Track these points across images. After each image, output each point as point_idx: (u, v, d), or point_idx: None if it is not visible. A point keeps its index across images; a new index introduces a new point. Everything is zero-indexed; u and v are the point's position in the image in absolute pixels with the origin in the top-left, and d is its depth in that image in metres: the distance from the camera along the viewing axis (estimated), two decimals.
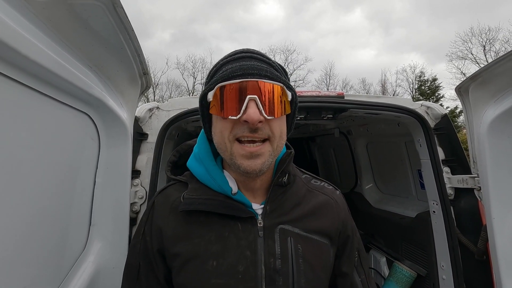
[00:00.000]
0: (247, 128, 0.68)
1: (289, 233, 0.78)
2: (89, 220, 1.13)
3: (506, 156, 1.44)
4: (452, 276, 1.76)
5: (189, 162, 0.86)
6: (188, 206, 0.77)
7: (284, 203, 0.81)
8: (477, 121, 1.51)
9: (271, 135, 0.71)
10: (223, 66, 0.75)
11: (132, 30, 0.91)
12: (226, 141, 0.71)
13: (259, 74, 0.69)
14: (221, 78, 0.70)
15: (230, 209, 0.77)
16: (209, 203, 0.77)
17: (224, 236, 0.75)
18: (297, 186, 0.86)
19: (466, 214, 1.79)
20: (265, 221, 0.77)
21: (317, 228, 0.81)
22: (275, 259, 0.74)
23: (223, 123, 0.71)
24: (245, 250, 0.74)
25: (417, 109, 1.89)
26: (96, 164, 1.15)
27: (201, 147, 0.85)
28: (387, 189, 3.08)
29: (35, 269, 0.82)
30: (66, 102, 0.91)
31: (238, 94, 0.68)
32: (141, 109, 1.69)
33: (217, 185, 0.79)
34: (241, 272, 0.72)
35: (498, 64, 1.34)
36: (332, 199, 0.89)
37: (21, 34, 0.63)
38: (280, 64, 0.82)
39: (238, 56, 0.75)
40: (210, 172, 0.80)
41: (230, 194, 0.77)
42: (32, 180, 0.79)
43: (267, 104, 0.68)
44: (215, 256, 0.74)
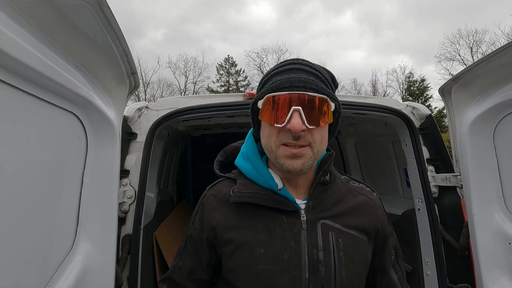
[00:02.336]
0: (291, 135, 0.76)
1: (330, 227, 0.85)
2: (77, 220, 1.12)
3: (486, 155, 1.49)
4: (436, 272, 1.81)
5: (237, 161, 0.96)
6: (239, 199, 0.85)
7: (326, 200, 0.88)
8: (459, 121, 1.57)
9: (312, 142, 0.78)
10: (273, 76, 0.83)
11: (119, 30, 0.91)
12: (272, 144, 0.80)
13: (305, 86, 0.76)
14: (270, 89, 0.79)
15: (276, 203, 0.84)
16: (257, 196, 0.85)
17: (270, 227, 0.83)
18: (337, 185, 0.93)
19: (449, 211, 1.84)
20: (308, 216, 0.85)
21: (356, 225, 0.88)
22: (318, 250, 0.81)
23: (271, 129, 0.80)
24: (290, 240, 0.82)
25: (402, 110, 1.94)
26: (84, 164, 1.14)
27: (248, 147, 0.94)
28: (375, 187, 3.10)
29: (20, 270, 0.82)
30: (52, 102, 0.90)
31: (284, 105, 0.76)
32: (130, 108, 1.69)
33: (264, 181, 0.87)
34: (286, 260, 0.80)
35: (479, 66, 1.39)
36: (371, 199, 0.96)
37: (5, 33, 0.63)
38: (328, 71, 0.88)
39: (287, 68, 0.82)
40: (258, 169, 0.89)
41: (276, 190, 0.85)
42: (18, 180, 0.79)
43: (310, 114, 0.75)
44: (263, 245, 0.81)
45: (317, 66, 0.85)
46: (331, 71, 0.89)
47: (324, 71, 0.86)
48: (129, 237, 1.55)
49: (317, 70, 0.82)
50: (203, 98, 1.82)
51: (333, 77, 0.89)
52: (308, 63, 0.83)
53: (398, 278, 0.95)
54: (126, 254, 1.53)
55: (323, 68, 0.86)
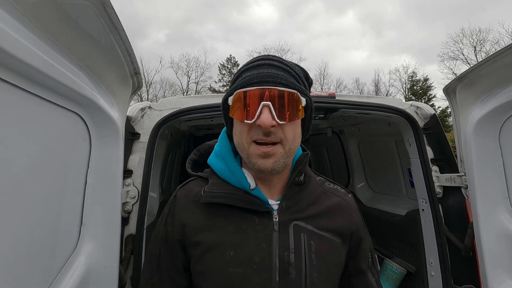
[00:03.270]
0: (261, 131, 0.74)
1: (303, 229, 0.83)
2: (80, 220, 1.13)
3: (491, 155, 1.48)
4: (440, 273, 1.80)
5: (210, 159, 0.94)
6: (210, 199, 0.82)
7: (300, 201, 0.87)
8: (464, 121, 1.55)
9: (284, 139, 0.77)
10: (243, 73, 0.81)
11: (122, 30, 0.91)
12: (244, 142, 0.79)
13: (274, 81, 0.75)
14: (240, 84, 0.78)
15: (248, 203, 0.82)
16: (229, 196, 0.83)
17: (242, 229, 0.81)
18: (312, 186, 0.92)
19: (454, 212, 1.83)
20: (280, 217, 0.83)
21: (329, 227, 0.86)
22: (289, 252, 0.79)
23: (242, 125, 0.78)
24: (261, 242, 0.79)
25: (406, 109, 1.92)
26: (87, 164, 1.14)
27: (222, 145, 0.92)
28: (379, 187, 3.12)
29: (24, 270, 0.82)
30: (56, 102, 0.90)
31: (254, 100, 0.74)
32: (133, 108, 1.69)
33: (236, 180, 0.85)
34: (256, 263, 0.77)
35: (484, 66, 1.38)
36: (345, 201, 0.94)
37: (9, 34, 0.63)
38: (300, 67, 0.87)
39: (258, 63, 0.80)
40: (231, 168, 0.86)
41: (248, 190, 0.83)
42: (22, 180, 0.79)
43: (280, 109, 0.74)
44: (234, 247, 0.79)
45: (288, 62, 0.83)
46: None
47: (296, 67, 0.84)
48: (132, 237, 1.55)
49: (287, 65, 0.81)
50: (205, 98, 1.82)
51: (307, 74, 0.87)
52: (279, 59, 0.82)
53: (375, 281, 0.94)
54: (130, 254, 1.53)
55: (295, 65, 0.85)
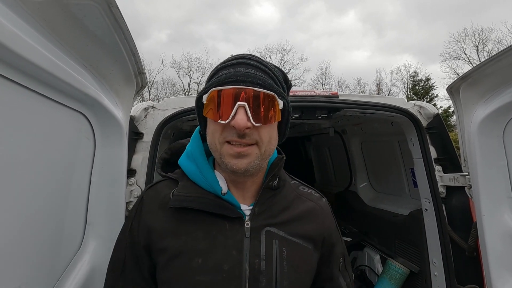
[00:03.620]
0: (235, 133, 0.71)
1: (275, 235, 0.80)
2: (85, 219, 1.13)
3: (496, 155, 1.47)
4: (444, 273, 1.79)
5: (181, 160, 0.88)
6: (178, 203, 0.78)
7: (273, 206, 0.84)
8: (468, 121, 1.55)
9: (259, 141, 0.73)
10: (219, 70, 0.77)
11: (127, 29, 0.92)
12: (216, 142, 0.74)
13: (252, 82, 0.71)
14: (216, 83, 0.73)
15: (219, 208, 0.78)
16: (199, 201, 0.78)
17: (211, 235, 0.77)
18: (287, 191, 0.89)
19: (457, 211, 1.82)
20: (252, 223, 0.79)
21: (301, 233, 0.84)
22: (260, 260, 0.76)
23: (215, 125, 0.74)
24: (231, 249, 0.76)
25: (409, 109, 1.92)
26: (92, 163, 1.15)
27: (194, 146, 0.86)
28: (381, 187, 3.11)
29: (30, 268, 0.82)
30: (61, 102, 0.91)
31: (229, 100, 0.70)
32: (136, 108, 1.69)
33: (208, 184, 0.80)
34: (225, 271, 0.74)
35: (487, 65, 1.37)
36: (318, 206, 0.92)
37: (16, 33, 0.63)
38: (280, 69, 0.84)
39: (235, 62, 0.76)
40: (202, 171, 0.82)
41: (220, 194, 0.79)
42: (27, 179, 0.79)
43: (256, 111, 0.71)
44: (202, 254, 0.75)
45: (267, 63, 0.80)
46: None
47: (275, 69, 0.81)
48: None
49: (266, 66, 0.77)
50: None
51: (286, 77, 0.85)
52: (257, 58, 0.79)
53: (347, 284, 0.93)
54: None
55: (274, 66, 0.82)
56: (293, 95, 1.81)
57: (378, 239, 2.82)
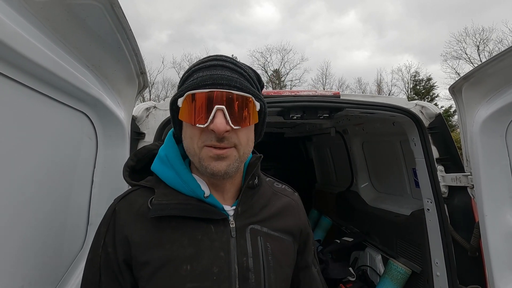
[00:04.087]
0: (214, 136, 0.70)
1: (259, 232, 0.82)
2: (87, 219, 1.13)
3: (498, 155, 1.47)
4: (446, 273, 1.79)
5: (155, 166, 0.84)
6: (160, 212, 0.74)
7: (254, 205, 0.85)
8: (470, 121, 1.54)
9: (238, 144, 0.73)
10: (194, 73, 0.75)
11: (130, 29, 0.92)
12: (195, 146, 0.73)
13: (228, 84, 0.71)
14: (191, 86, 0.72)
15: (204, 213, 0.77)
16: (182, 207, 0.76)
17: (197, 239, 0.75)
18: (264, 188, 0.91)
19: (459, 211, 1.82)
20: (237, 222, 0.80)
21: (282, 227, 0.87)
22: (248, 257, 0.77)
23: (192, 129, 0.73)
24: (219, 251, 0.75)
25: (411, 109, 1.91)
26: (94, 163, 1.15)
27: (169, 150, 0.83)
28: (383, 187, 3.11)
29: (32, 269, 0.82)
30: (64, 101, 0.91)
31: (207, 104, 0.69)
32: (138, 108, 1.69)
33: (189, 189, 0.78)
34: (215, 274, 0.73)
35: (490, 65, 1.37)
36: (293, 200, 0.96)
37: (19, 33, 0.64)
38: (253, 70, 0.84)
39: (210, 64, 0.75)
40: (181, 176, 0.79)
41: (203, 198, 0.78)
42: (30, 179, 0.79)
43: (234, 114, 0.70)
44: (189, 260, 0.73)
45: (241, 64, 0.79)
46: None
47: (249, 70, 0.81)
48: None
49: (241, 68, 0.77)
50: None
51: (259, 77, 0.85)
52: (232, 60, 0.78)
53: (317, 271, 1.00)
54: None
55: (248, 67, 0.81)
56: (295, 95, 1.81)
57: (380, 239, 2.82)
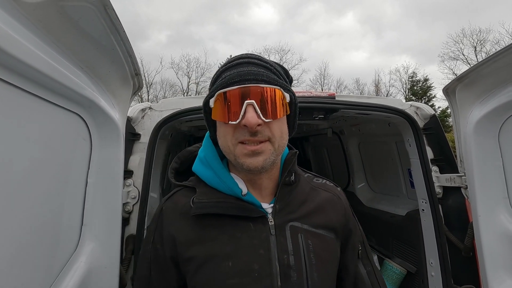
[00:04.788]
0: (247, 132, 0.71)
1: (299, 229, 0.81)
2: (81, 220, 1.13)
3: (491, 156, 1.48)
4: (440, 273, 1.80)
5: (195, 167, 0.88)
6: (200, 210, 0.78)
7: (292, 201, 0.84)
8: (464, 121, 1.55)
9: (272, 136, 0.74)
10: (222, 73, 0.78)
11: (123, 31, 0.92)
12: (229, 144, 0.75)
13: (256, 79, 0.72)
14: (220, 85, 0.74)
15: (242, 210, 0.79)
16: (221, 205, 0.79)
17: (237, 237, 0.78)
18: (302, 184, 0.90)
19: (454, 212, 1.83)
20: (276, 220, 0.80)
21: (323, 224, 0.85)
22: (288, 255, 0.77)
23: (225, 127, 0.75)
24: (259, 248, 0.77)
25: (406, 110, 1.93)
26: (88, 164, 1.15)
27: (207, 151, 0.87)
28: (379, 188, 3.12)
29: (26, 270, 0.82)
30: (57, 103, 0.91)
31: (237, 100, 0.71)
32: (134, 109, 1.69)
33: (227, 187, 0.81)
34: (256, 270, 0.74)
35: (483, 66, 1.38)
36: (335, 195, 0.94)
37: (11, 35, 0.64)
38: (280, 65, 0.85)
39: (236, 62, 0.77)
40: (219, 175, 0.82)
41: (240, 196, 0.80)
42: (23, 181, 0.79)
43: (264, 107, 0.71)
44: (230, 257, 0.76)
45: (267, 59, 0.81)
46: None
47: (276, 64, 0.82)
48: (133, 237, 1.55)
49: (267, 62, 0.79)
50: None
51: (286, 71, 0.85)
52: (258, 56, 0.80)
53: (368, 272, 0.92)
54: (130, 255, 1.53)
55: (274, 62, 0.83)
56: None
57: (376, 239, 2.83)
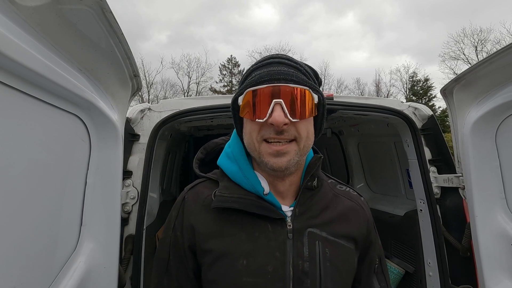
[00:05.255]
0: (273, 130, 0.72)
1: (317, 236, 0.80)
2: (80, 220, 1.14)
3: (489, 156, 1.48)
4: (438, 273, 1.81)
5: (221, 161, 0.89)
6: (221, 204, 0.78)
7: (313, 207, 0.83)
8: (461, 122, 1.56)
9: (298, 136, 0.74)
10: (253, 71, 0.79)
11: (121, 33, 0.93)
12: (254, 141, 0.76)
13: (285, 78, 0.73)
14: (250, 83, 0.75)
15: (261, 209, 0.78)
16: (242, 201, 0.79)
17: (254, 236, 0.77)
18: (325, 190, 0.88)
19: (451, 212, 1.84)
20: (294, 224, 0.79)
21: (344, 233, 0.83)
22: (304, 261, 0.76)
23: (252, 125, 0.76)
24: (275, 251, 0.76)
25: (404, 110, 1.93)
26: (87, 165, 1.16)
27: (234, 147, 0.88)
28: (378, 188, 3.13)
29: (25, 269, 0.83)
30: (56, 105, 0.92)
31: (265, 98, 0.72)
32: (133, 110, 1.70)
33: (250, 184, 0.81)
34: (270, 272, 0.74)
35: (481, 67, 1.39)
36: (358, 205, 0.91)
37: (10, 39, 0.65)
38: (310, 67, 0.85)
39: (267, 62, 0.78)
40: (244, 171, 0.82)
41: (262, 195, 0.79)
42: (23, 181, 0.80)
43: (292, 107, 0.72)
44: (246, 255, 0.76)
45: (298, 61, 0.81)
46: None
47: (306, 66, 0.82)
48: (132, 237, 1.56)
49: (297, 63, 0.79)
50: (205, 99, 1.83)
51: (316, 73, 0.85)
52: (288, 57, 0.80)
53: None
54: (129, 254, 1.54)
55: (305, 64, 0.83)
56: None
57: None
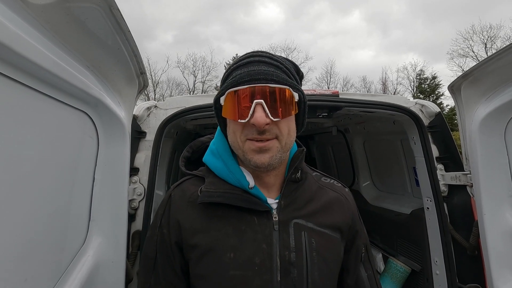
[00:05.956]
0: (256, 130, 0.73)
1: (303, 227, 0.82)
2: (89, 216, 1.16)
3: (497, 154, 1.46)
4: (445, 271, 1.79)
5: (206, 158, 0.91)
6: (207, 199, 0.80)
7: (298, 199, 0.85)
8: (469, 119, 1.54)
9: (279, 134, 0.76)
10: (233, 71, 0.80)
11: (128, 31, 0.94)
12: (238, 140, 0.77)
13: (266, 78, 0.74)
14: (231, 84, 0.76)
15: (247, 203, 0.80)
16: (227, 196, 0.81)
17: (241, 230, 0.79)
18: (309, 182, 0.91)
19: (459, 210, 1.82)
20: (280, 216, 0.81)
21: (329, 223, 0.85)
22: (290, 252, 0.78)
23: (235, 125, 0.78)
24: (261, 243, 0.78)
25: (411, 107, 1.91)
26: (95, 162, 1.18)
27: (219, 144, 0.90)
28: (384, 186, 3.11)
29: (36, 263, 0.85)
30: (65, 101, 0.94)
31: (246, 99, 0.73)
32: (139, 107, 1.72)
33: (235, 179, 0.83)
34: (257, 264, 0.76)
35: (489, 63, 1.37)
36: (342, 196, 0.94)
37: (21, 36, 0.66)
38: (290, 61, 0.86)
39: (247, 61, 0.79)
40: (229, 167, 0.84)
41: (247, 188, 0.81)
42: (33, 178, 0.82)
43: (273, 106, 0.73)
44: (233, 249, 0.77)
45: (278, 57, 0.81)
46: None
47: (286, 61, 0.83)
48: (139, 233, 1.58)
49: (278, 61, 0.79)
50: (210, 97, 1.84)
51: (297, 68, 0.86)
52: (268, 54, 0.80)
53: (368, 276, 0.92)
54: (136, 250, 1.56)
55: (285, 59, 0.83)
56: None
57: (381, 238, 2.82)
